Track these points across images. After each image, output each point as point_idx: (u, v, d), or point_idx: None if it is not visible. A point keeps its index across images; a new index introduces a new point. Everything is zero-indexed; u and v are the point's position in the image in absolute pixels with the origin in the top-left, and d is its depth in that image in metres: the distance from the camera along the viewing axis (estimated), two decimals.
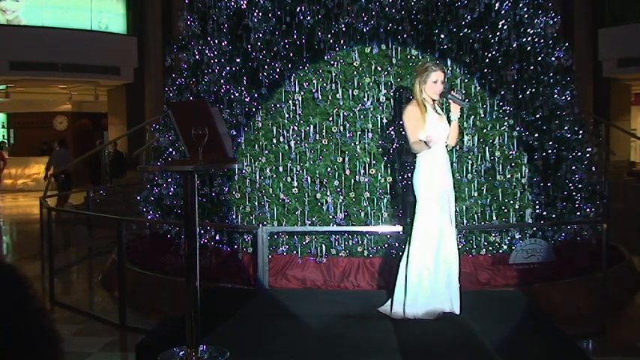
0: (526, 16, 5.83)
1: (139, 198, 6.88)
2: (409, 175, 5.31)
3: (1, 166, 15.67)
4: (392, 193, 5.31)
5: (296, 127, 5.52)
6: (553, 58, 6.06)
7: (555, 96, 5.92)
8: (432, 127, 3.98)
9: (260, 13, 5.74)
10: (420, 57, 5.53)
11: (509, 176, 5.53)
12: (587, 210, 5.94)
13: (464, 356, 3.38)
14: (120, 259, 5.18)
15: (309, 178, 5.42)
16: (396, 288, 4.04)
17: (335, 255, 5.29)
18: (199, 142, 3.15)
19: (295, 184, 5.44)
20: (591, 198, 6.08)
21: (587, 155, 6.21)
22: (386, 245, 5.26)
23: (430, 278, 3.94)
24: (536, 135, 5.69)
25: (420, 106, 4.00)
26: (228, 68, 5.89)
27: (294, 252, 5.35)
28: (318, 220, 5.35)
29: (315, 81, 5.55)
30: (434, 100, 4.03)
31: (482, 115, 5.57)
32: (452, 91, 4.00)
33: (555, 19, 6.12)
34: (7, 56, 14.73)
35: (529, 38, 5.83)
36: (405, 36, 5.54)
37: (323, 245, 5.31)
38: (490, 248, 5.40)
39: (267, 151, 5.59)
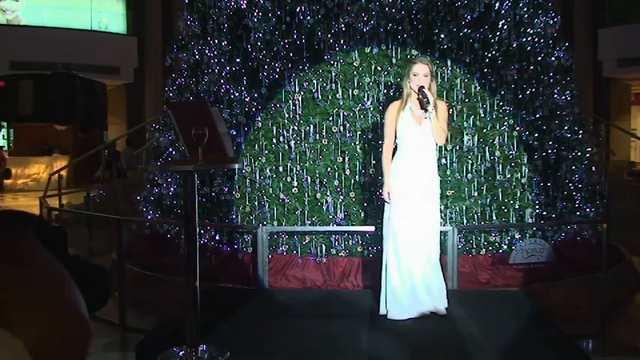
0: (526, 16, 5.83)
1: (139, 198, 6.88)
2: None
3: (2, 166, 15.67)
4: None
5: (296, 127, 5.52)
6: (553, 58, 6.06)
7: (555, 96, 5.93)
8: (405, 126, 3.93)
9: (260, 13, 5.74)
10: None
11: (509, 176, 5.53)
12: (587, 210, 5.94)
13: (464, 356, 3.38)
14: (120, 259, 5.18)
15: (309, 178, 5.42)
16: (381, 289, 4.05)
17: (335, 255, 5.29)
18: (199, 142, 3.14)
19: (295, 184, 5.45)
20: (591, 198, 6.08)
21: (587, 155, 6.21)
22: None
23: (409, 279, 3.92)
24: (536, 135, 5.69)
25: (401, 102, 3.98)
26: (228, 68, 5.89)
27: (294, 252, 5.35)
28: (318, 220, 5.35)
29: (315, 81, 5.55)
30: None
31: (483, 115, 5.57)
32: (425, 88, 3.86)
33: (555, 19, 6.12)
34: (7, 56, 14.73)
35: (529, 38, 5.83)
36: (405, 36, 5.54)
37: (323, 245, 5.31)
38: (490, 248, 5.40)
39: (267, 151, 5.59)
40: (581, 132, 6.14)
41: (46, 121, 0.99)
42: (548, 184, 5.69)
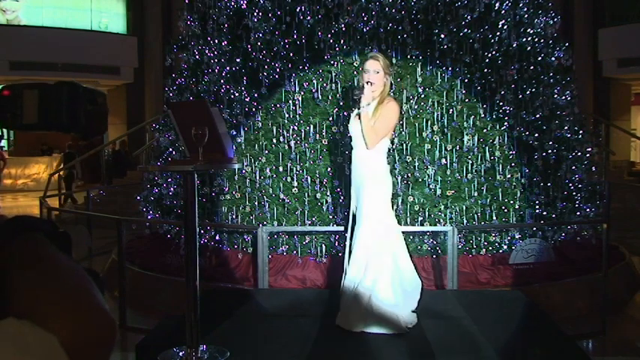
0: (526, 16, 5.83)
1: (138, 198, 6.88)
2: (409, 175, 5.32)
3: (1, 166, 15.68)
4: (392, 193, 5.30)
5: (296, 127, 5.52)
6: (553, 58, 6.06)
7: (555, 96, 5.93)
8: (351, 124, 3.82)
9: (260, 13, 5.74)
10: (420, 57, 5.54)
11: (509, 176, 5.53)
12: (587, 210, 5.94)
13: (464, 356, 3.38)
14: (120, 259, 5.18)
15: (309, 178, 5.42)
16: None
17: (335, 255, 5.29)
18: (199, 142, 3.14)
19: (295, 184, 5.45)
20: (591, 198, 6.08)
21: (587, 155, 6.21)
22: None
23: (348, 287, 3.71)
24: (536, 135, 5.69)
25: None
26: (228, 68, 5.89)
27: (294, 252, 5.35)
28: (318, 220, 5.35)
29: (315, 81, 5.55)
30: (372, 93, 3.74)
31: (482, 115, 5.57)
32: (371, 84, 3.65)
33: (555, 19, 6.12)
34: (7, 56, 14.75)
35: (529, 38, 5.83)
36: (405, 36, 5.54)
37: (323, 245, 5.31)
38: (490, 248, 5.40)
39: (267, 151, 5.59)
40: (581, 132, 6.15)
41: (49, 130, 1.03)
42: (548, 184, 5.69)
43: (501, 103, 5.63)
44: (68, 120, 1.01)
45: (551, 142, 5.75)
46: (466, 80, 5.59)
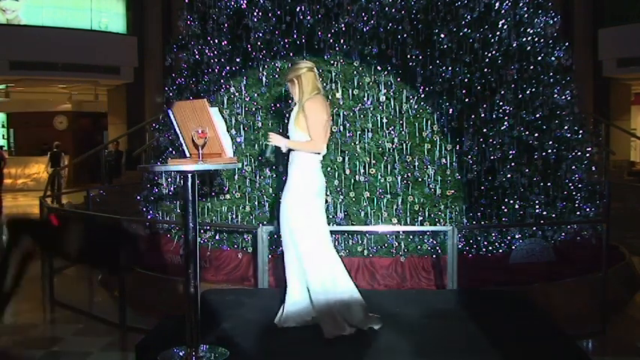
0: (526, 15, 5.84)
1: (139, 198, 6.88)
2: (409, 174, 5.32)
3: (2, 165, 15.69)
4: (392, 193, 5.31)
5: None
6: (553, 58, 6.06)
7: (555, 96, 5.93)
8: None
9: (260, 13, 5.74)
10: (420, 57, 5.54)
11: (509, 176, 5.53)
12: (587, 210, 5.94)
13: (464, 356, 3.38)
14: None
15: None
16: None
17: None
18: (199, 142, 3.15)
19: None
20: (591, 198, 6.08)
21: (587, 155, 6.21)
22: (385, 245, 5.25)
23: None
24: (536, 135, 5.69)
25: None
26: (228, 68, 5.90)
27: None
28: None
29: None
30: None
31: (483, 115, 5.57)
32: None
33: (555, 19, 6.13)
34: (7, 56, 14.74)
35: (529, 38, 5.84)
36: (405, 36, 5.54)
37: None
38: (490, 248, 5.39)
39: None
40: (581, 132, 6.15)
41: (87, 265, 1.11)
42: (548, 184, 5.69)
43: (501, 103, 5.63)
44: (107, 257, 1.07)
45: (551, 142, 5.75)
46: (466, 80, 5.58)
